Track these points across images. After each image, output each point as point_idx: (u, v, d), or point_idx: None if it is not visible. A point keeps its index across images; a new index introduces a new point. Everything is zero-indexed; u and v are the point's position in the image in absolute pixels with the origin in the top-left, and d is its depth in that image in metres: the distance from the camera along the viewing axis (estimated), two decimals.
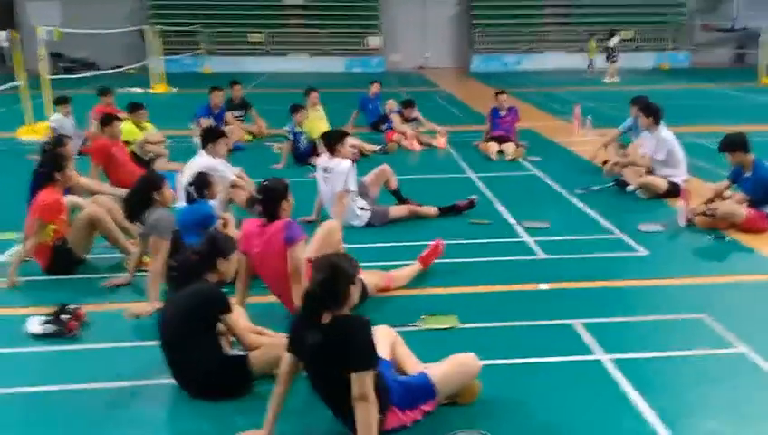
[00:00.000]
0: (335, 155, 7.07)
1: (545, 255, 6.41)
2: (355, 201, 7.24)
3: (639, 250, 6.49)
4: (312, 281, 3.43)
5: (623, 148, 9.78)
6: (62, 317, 4.92)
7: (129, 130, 9.94)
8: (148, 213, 5.46)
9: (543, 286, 5.69)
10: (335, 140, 7.11)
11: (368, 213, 7.31)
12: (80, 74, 19.56)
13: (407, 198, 7.83)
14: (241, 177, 7.75)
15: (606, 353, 4.49)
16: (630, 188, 8.45)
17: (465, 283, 5.80)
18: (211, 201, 6.47)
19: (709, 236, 6.82)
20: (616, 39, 25.08)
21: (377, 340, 3.50)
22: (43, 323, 4.90)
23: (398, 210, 7.52)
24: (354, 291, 3.50)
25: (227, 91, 12.67)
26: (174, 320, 4.03)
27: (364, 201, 7.35)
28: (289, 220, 4.90)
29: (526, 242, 6.77)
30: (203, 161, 7.22)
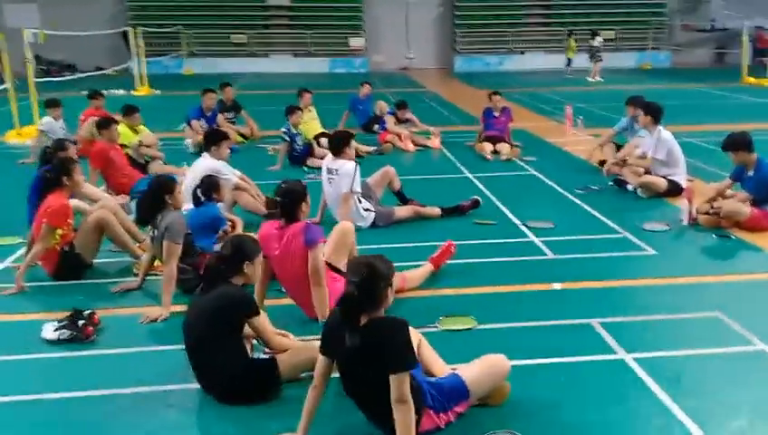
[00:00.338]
0: (340, 157, 7.04)
1: (554, 255, 6.43)
2: (360, 202, 7.22)
3: (647, 249, 6.53)
4: (349, 283, 3.41)
5: (619, 148, 9.85)
6: (79, 322, 4.86)
7: (124, 133, 9.81)
8: (161, 217, 5.42)
9: (557, 286, 5.71)
10: (343, 141, 7.08)
11: (373, 214, 7.30)
12: (59, 77, 19.36)
13: (410, 198, 7.83)
14: (243, 179, 7.72)
15: (628, 352, 4.51)
16: (630, 187, 8.51)
17: (478, 283, 5.80)
18: (219, 204, 6.45)
19: (714, 235, 6.88)
20: (600, 39, 25.29)
21: None
22: (58, 329, 4.84)
23: (402, 211, 7.52)
24: (390, 293, 3.49)
25: (219, 93, 12.60)
26: (199, 323, 3.99)
27: (369, 202, 7.34)
28: (308, 222, 4.89)
29: (534, 242, 6.79)
30: (207, 164, 7.18)
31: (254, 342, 4.41)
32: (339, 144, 7.06)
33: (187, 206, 6.30)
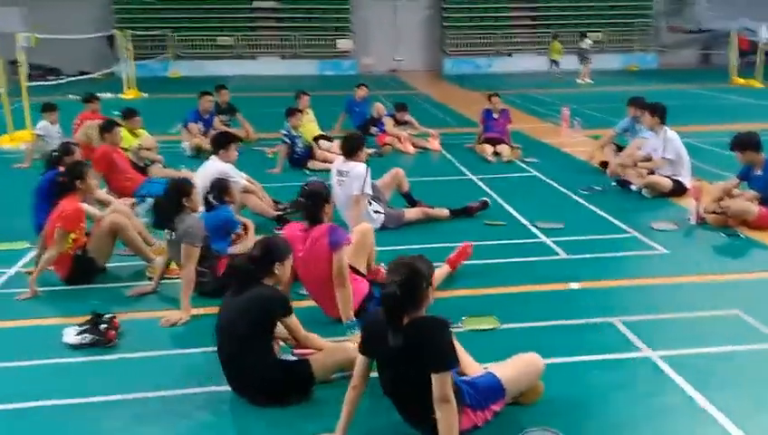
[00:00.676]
0: (352, 159, 7.03)
1: (567, 255, 6.46)
2: (370, 205, 7.21)
3: (658, 248, 6.58)
4: (390, 283, 3.40)
5: (620, 149, 9.90)
6: (100, 326, 4.81)
7: (124, 136, 9.76)
8: (178, 220, 5.38)
9: (574, 286, 5.73)
10: (358, 145, 7.07)
11: (382, 216, 7.30)
12: (43, 81, 19.17)
13: (418, 200, 7.84)
14: (250, 181, 7.70)
15: (653, 350, 4.54)
16: (635, 187, 8.57)
17: (496, 284, 5.82)
18: (231, 206, 6.42)
19: (723, 234, 6.94)
20: (589, 40, 25.44)
21: None
22: (80, 333, 4.79)
23: (412, 213, 7.52)
24: (431, 292, 3.50)
25: (215, 95, 12.55)
26: (234, 325, 3.96)
27: (378, 204, 7.33)
28: (332, 224, 4.88)
29: (545, 243, 6.81)
30: (217, 167, 7.14)
31: (281, 344, 4.40)
32: (353, 147, 7.03)
33: (199, 209, 6.26)
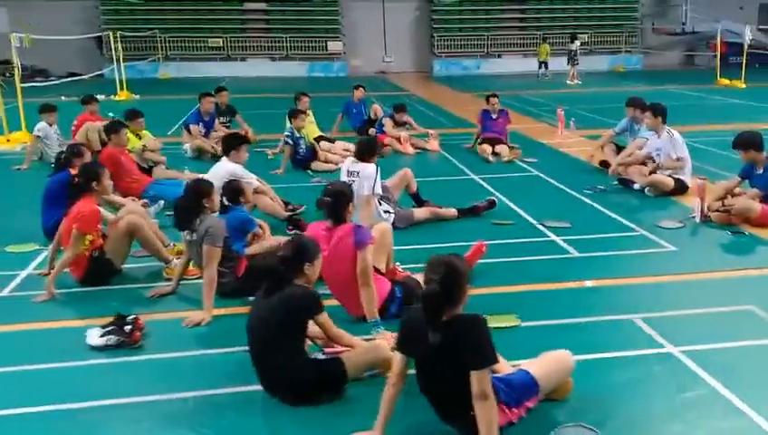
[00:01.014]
0: (364, 160, 7.07)
1: (578, 253, 6.54)
2: (380, 205, 7.26)
3: (667, 246, 6.68)
4: (430, 282, 3.45)
5: (619, 149, 10.01)
6: (125, 328, 4.83)
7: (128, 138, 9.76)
8: (199, 220, 5.41)
9: (589, 283, 5.81)
10: (372, 148, 7.12)
11: (392, 216, 7.34)
12: (31, 82, 19.03)
13: (426, 200, 7.90)
14: (261, 182, 7.72)
15: (675, 346, 4.61)
16: (637, 186, 8.67)
17: (511, 282, 5.87)
18: (244, 207, 6.45)
19: (728, 232, 7.05)
20: (578, 42, 25.66)
21: None
22: (104, 335, 4.80)
23: (420, 213, 7.58)
24: (468, 290, 3.55)
25: (215, 97, 12.56)
26: (267, 325, 3.99)
27: (388, 204, 7.38)
28: (357, 224, 4.92)
29: (555, 241, 6.89)
30: (228, 168, 7.17)
31: (310, 344, 4.43)
32: (369, 150, 7.06)
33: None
